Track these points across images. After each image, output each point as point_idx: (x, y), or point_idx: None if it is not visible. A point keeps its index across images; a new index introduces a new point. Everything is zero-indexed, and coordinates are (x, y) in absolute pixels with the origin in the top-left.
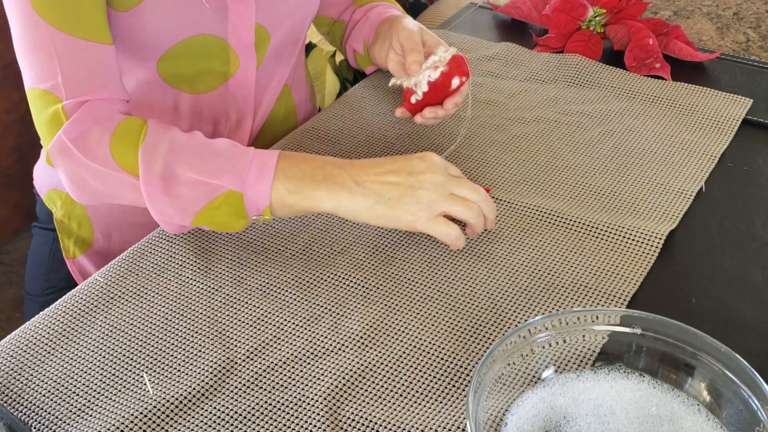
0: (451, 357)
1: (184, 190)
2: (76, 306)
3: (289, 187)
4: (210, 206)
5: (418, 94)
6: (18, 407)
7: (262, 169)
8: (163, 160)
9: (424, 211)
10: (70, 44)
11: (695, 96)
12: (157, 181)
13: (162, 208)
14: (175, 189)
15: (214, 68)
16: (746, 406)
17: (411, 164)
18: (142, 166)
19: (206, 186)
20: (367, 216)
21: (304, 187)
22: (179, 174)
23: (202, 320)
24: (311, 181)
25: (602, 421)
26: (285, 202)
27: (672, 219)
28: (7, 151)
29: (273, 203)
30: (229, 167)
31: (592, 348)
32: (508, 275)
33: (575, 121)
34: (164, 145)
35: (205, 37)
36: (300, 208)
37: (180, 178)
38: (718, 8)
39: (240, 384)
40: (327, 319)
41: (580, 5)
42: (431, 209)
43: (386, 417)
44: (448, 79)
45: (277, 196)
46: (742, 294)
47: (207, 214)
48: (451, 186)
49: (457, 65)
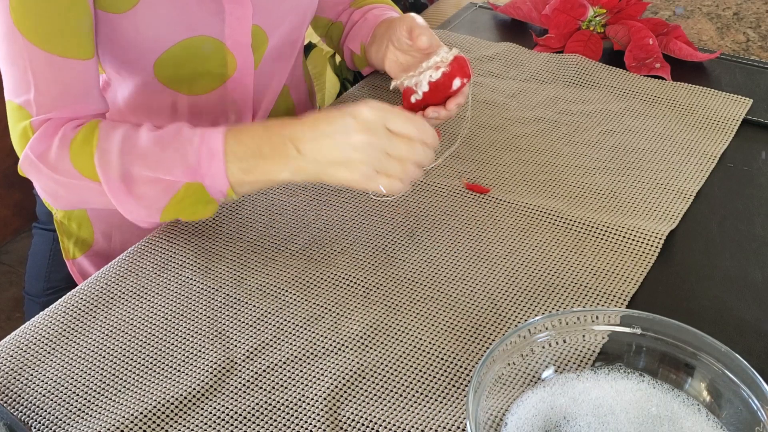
0: (451, 357)
1: (144, 189)
2: (76, 306)
3: (242, 166)
4: (174, 200)
5: (418, 94)
6: (18, 407)
7: (211, 155)
8: (117, 163)
9: (358, 175)
10: (45, 60)
11: (695, 96)
12: (118, 183)
13: (130, 208)
14: (136, 189)
15: (211, 70)
16: (746, 406)
17: (345, 125)
18: (100, 172)
19: (164, 182)
20: (317, 179)
21: (255, 164)
22: (136, 175)
23: (202, 320)
24: (260, 157)
25: (602, 421)
26: (243, 181)
27: (672, 219)
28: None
29: (232, 184)
30: (180, 160)
31: (592, 348)
32: (508, 275)
33: (575, 121)
34: (115, 147)
35: (202, 39)
36: (260, 183)
37: (138, 179)
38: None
39: (240, 384)
40: (327, 319)
41: (580, 5)
42: (364, 173)
43: (386, 417)
44: (450, 80)
45: (233, 177)
46: (742, 294)
47: (173, 208)
48: (385, 144)
49: (459, 66)
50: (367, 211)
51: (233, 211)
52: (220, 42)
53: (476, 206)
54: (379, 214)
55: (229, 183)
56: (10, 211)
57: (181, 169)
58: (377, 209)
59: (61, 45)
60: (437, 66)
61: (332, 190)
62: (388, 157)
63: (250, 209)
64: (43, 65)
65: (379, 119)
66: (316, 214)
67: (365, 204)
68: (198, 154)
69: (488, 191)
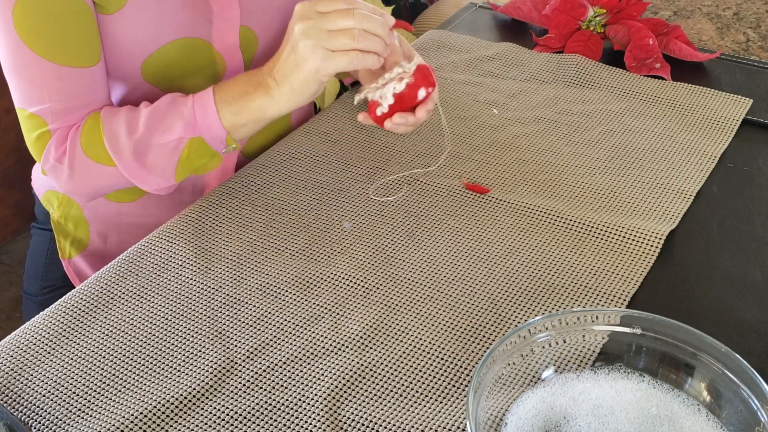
0: (451, 357)
1: (154, 158)
2: (76, 306)
3: (232, 110)
4: (182, 160)
5: (383, 107)
6: (18, 407)
7: (204, 108)
8: (127, 142)
9: (314, 60)
10: (54, 72)
11: (695, 96)
12: (131, 161)
13: (147, 180)
14: (147, 161)
15: (200, 71)
16: (746, 406)
17: (288, 33)
18: (113, 155)
19: (168, 146)
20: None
21: (244, 104)
22: (144, 147)
23: (202, 320)
24: (246, 95)
25: (602, 421)
26: (237, 123)
27: (672, 219)
28: (7, 151)
29: (229, 129)
30: (178, 121)
31: (592, 348)
32: (508, 275)
33: (575, 121)
34: (121, 129)
35: (189, 41)
36: (252, 121)
37: (147, 150)
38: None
39: (240, 384)
40: (327, 319)
41: (580, 5)
42: (317, 53)
43: (386, 417)
44: (414, 90)
45: (227, 122)
46: (742, 294)
47: (183, 167)
48: (322, 23)
49: (422, 76)
50: (367, 211)
51: (233, 211)
52: (207, 43)
53: (476, 206)
54: (379, 214)
55: (225, 129)
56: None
57: (180, 126)
58: (377, 209)
59: (67, 57)
60: (400, 77)
61: (332, 189)
62: (330, 33)
63: (250, 209)
64: (53, 76)
65: (308, 7)
66: (316, 214)
67: (365, 204)
68: (193, 110)
69: (488, 191)
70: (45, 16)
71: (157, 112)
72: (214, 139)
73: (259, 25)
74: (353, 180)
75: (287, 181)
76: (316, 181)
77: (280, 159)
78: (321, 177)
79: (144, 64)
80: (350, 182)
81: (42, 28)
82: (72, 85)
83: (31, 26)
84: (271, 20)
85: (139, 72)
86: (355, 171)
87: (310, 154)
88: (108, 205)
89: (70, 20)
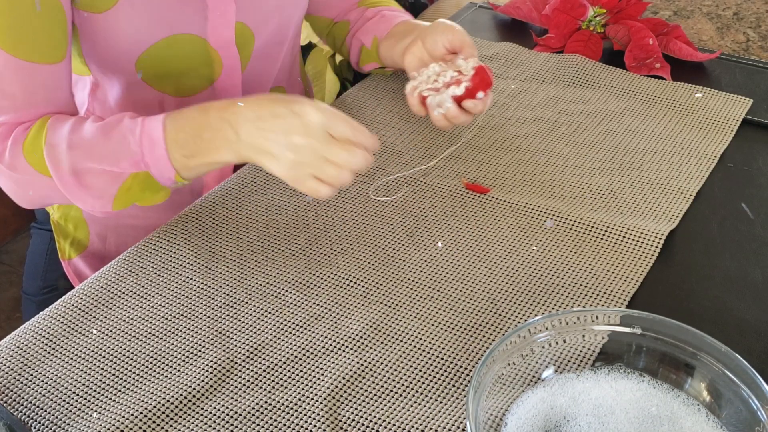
0: (451, 357)
1: (93, 180)
2: (76, 306)
3: (184, 152)
4: (122, 189)
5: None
6: (18, 407)
7: (152, 144)
8: (66, 158)
9: (291, 173)
10: (12, 65)
11: (695, 96)
12: (69, 177)
13: (83, 199)
14: (85, 181)
15: (196, 69)
16: (746, 406)
17: (287, 124)
18: (51, 167)
19: (110, 173)
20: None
21: (197, 149)
22: (83, 168)
23: (202, 320)
24: (200, 141)
25: (602, 421)
26: (187, 166)
27: (672, 219)
28: None
29: (177, 170)
30: (123, 151)
31: (592, 348)
32: (508, 275)
33: (575, 121)
34: (62, 142)
35: (184, 37)
36: (204, 166)
37: (86, 171)
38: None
39: (240, 384)
40: (327, 319)
41: (580, 5)
42: (298, 173)
43: (386, 417)
44: (473, 93)
45: (177, 163)
46: (742, 294)
47: (123, 197)
48: (324, 150)
49: (480, 79)
50: (367, 211)
51: (233, 211)
52: (202, 39)
53: (476, 206)
54: (379, 214)
55: (175, 169)
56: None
57: (126, 160)
58: (377, 209)
59: (30, 50)
60: (458, 80)
61: None
62: (325, 162)
63: (250, 209)
64: (9, 69)
65: (323, 123)
66: (316, 214)
67: (365, 204)
68: (140, 145)
69: (488, 191)
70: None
71: (103, 133)
72: (161, 175)
73: (255, 21)
74: (353, 180)
75: None
76: None
77: None
78: None
79: (138, 61)
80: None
81: (6, 22)
82: (28, 80)
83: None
84: (267, 16)
85: (134, 69)
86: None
87: None
88: None
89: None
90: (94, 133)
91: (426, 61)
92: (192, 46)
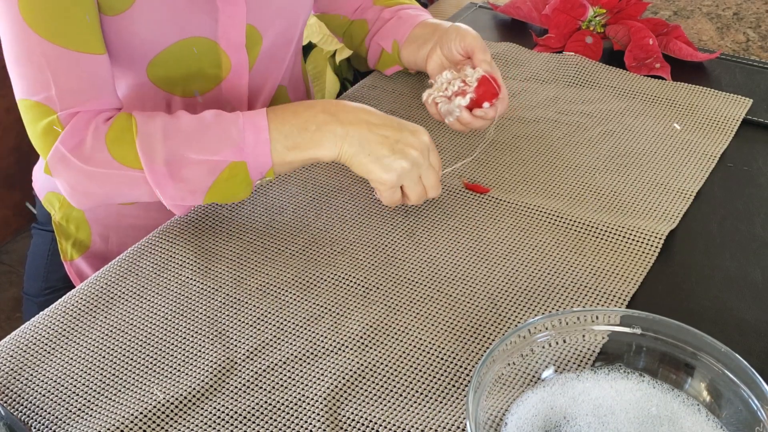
0: (451, 357)
1: (189, 172)
2: (76, 306)
3: (287, 144)
4: (218, 181)
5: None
6: (18, 407)
7: (256, 133)
8: (162, 148)
9: (392, 180)
10: (61, 56)
11: (695, 96)
12: (162, 168)
13: (172, 193)
14: (180, 173)
15: (205, 70)
16: (746, 406)
17: (402, 133)
18: (143, 157)
19: (209, 163)
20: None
21: (301, 141)
22: (181, 158)
23: (202, 320)
24: (305, 132)
25: (602, 421)
26: (285, 160)
27: (672, 219)
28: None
29: (275, 163)
30: (225, 139)
31: (592, 348)
32: (508, 275)
33: (575, 121)
34: (158, 133)
35: (195, 40)
36: (299, 161)
37: (183, 162)
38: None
39: (240, 384)
40: (327, 319)
41: (580, 5)
42: (398, 181)
43: (386, 417)
44: (479, 103)
45: (277, 156)
46: (742, 294)
47: (216, 189)
48: (423, 170)
49: (484, 90)
50: (367, 211)
51: (233, 211)
52: (213, 42)
53: (476, 206)
54: (379, 214)
55: (272, 161)
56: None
57: (228, 148)
58: (377, 209)
59: (75, 41)
60: (463, 91)
61: (332, 189)
62: (418, 181)
63: (250, 209)
64: (59, 60)
65: (429, 147)
66: (316, 214)
67: (365, 204)
68: (243, 132)
69: (488, 191)
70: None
71: (202, 124)
72: (256, 168)
73: (263, 23)
74: (353, 180)
75: (287, 181)
76: (316, 181)
77: None
78: (321, 177)
79: (150, 64)
80: (350, 182)
81: (48, 12)
82: (80, 69)
83: (36, 9)
84: (275, 18)
85: (144, 72)
86: None
87: None
88: (108, 207)
89: (76, 6)
90: (192, 122)
91: (446, 67)
92: (203, 48)
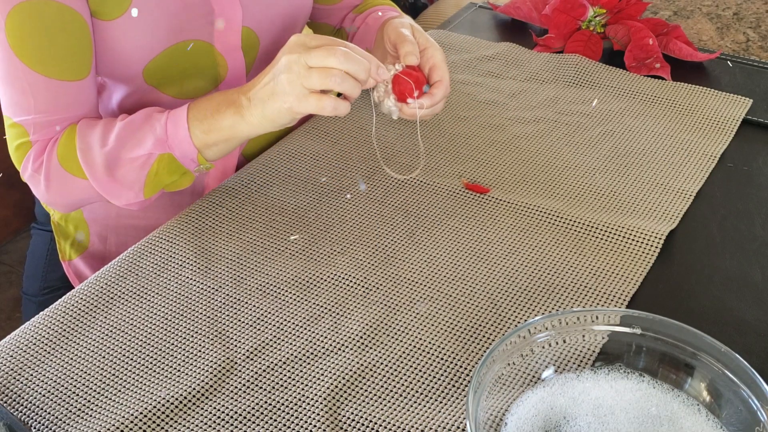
0: (451, 357)
1: (124, 171)
2: (76, 306)
3: (203, 128)
4: (150, 175)
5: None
6: (18, 407)
7: (176, 124)
8: (99, 154)
9: (290, 95)
10: (42, 84)
11: (695, 96)
12: (102, 173)
13: (117, 193)
14: (117, 173)
15: (202, 73)
16: (746, 406)
17: (274, 61)
18: (85, 166)
19: (139, 160)
20: (269, 126)
21: (214, 122)
22: (114, 159)
23: (202, 320)
24: (218, 113)
25: (602, 421)
26: (207, 142)
27: (672, 219)
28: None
29: (199, 148)
30: (150, 136)
31: (592, 348)
32: (508, 275)
33: (575, 121)
34: (95, 141)
35: (191, 43)
36: (222, 141)
37: (117, 163)
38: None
39: (240, 384)
40: (327, 319)
41: (580, 5)
42: (294, 89)
43: (386, 417)
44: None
45: (198, 140)
46: (742, 294)
47: (152, 183)
48: (305, 59)
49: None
50: (367, 211)
51: (233, 211)
52: (209, 45)
53: (476, 206)
54: (379, 214)
55: (196, 147)
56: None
57: (150, 141)
58: (377, 209)
59: (57, 70)
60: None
61: (332, 189)
62: (310, 69)
63: (250, 209)
64: (40, 88)
65: (298, 40)
66: (316, 214)
67: (365, 204)
68: (165, 127)
69: (488, 191)
70: (37, 28)
71: (131, 125)
72: (184, 156)
73: (260, 26)
74: (353, 180)
75: (287, 181)
76: (316, 181)
77: (280, 159)
78: (321, 177)
79: (146, 68)
80: (350, 182)
81: (33, 40)
82: (59, 98)
83: (22, 37)
84: (273, 21)
85: (141, 75)
86: (355, 171)
87: (310, 154)
88: (107, 207)
89: (63, 33)
90: (122, 126)
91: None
92: (199, 51)
